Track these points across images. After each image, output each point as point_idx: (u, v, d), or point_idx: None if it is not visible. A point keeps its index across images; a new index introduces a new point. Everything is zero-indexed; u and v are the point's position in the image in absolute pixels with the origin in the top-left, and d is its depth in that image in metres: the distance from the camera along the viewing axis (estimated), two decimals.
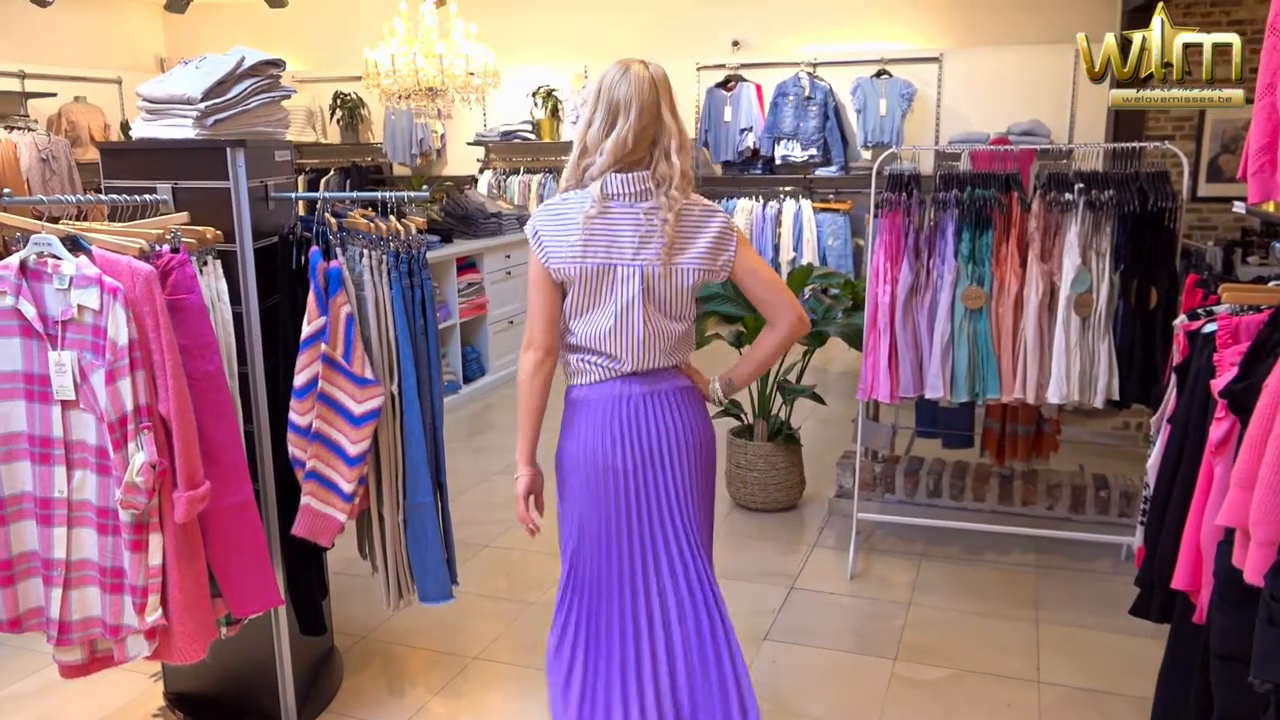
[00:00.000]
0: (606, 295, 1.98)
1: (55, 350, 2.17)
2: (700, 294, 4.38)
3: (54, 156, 6.91)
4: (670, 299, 2.00)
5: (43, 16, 8.24)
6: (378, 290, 2.56)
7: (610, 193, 1.97)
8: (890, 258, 3.45)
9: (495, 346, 6.41)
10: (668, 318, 2.01)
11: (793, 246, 7.96)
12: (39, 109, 8.26)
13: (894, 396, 3.46)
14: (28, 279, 2.17)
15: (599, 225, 1.96)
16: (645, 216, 1.96)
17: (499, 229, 6.51)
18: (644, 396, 2.01)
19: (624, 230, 1.96)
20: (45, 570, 2.26)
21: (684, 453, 2.04)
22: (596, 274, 1.96)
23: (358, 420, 2.52)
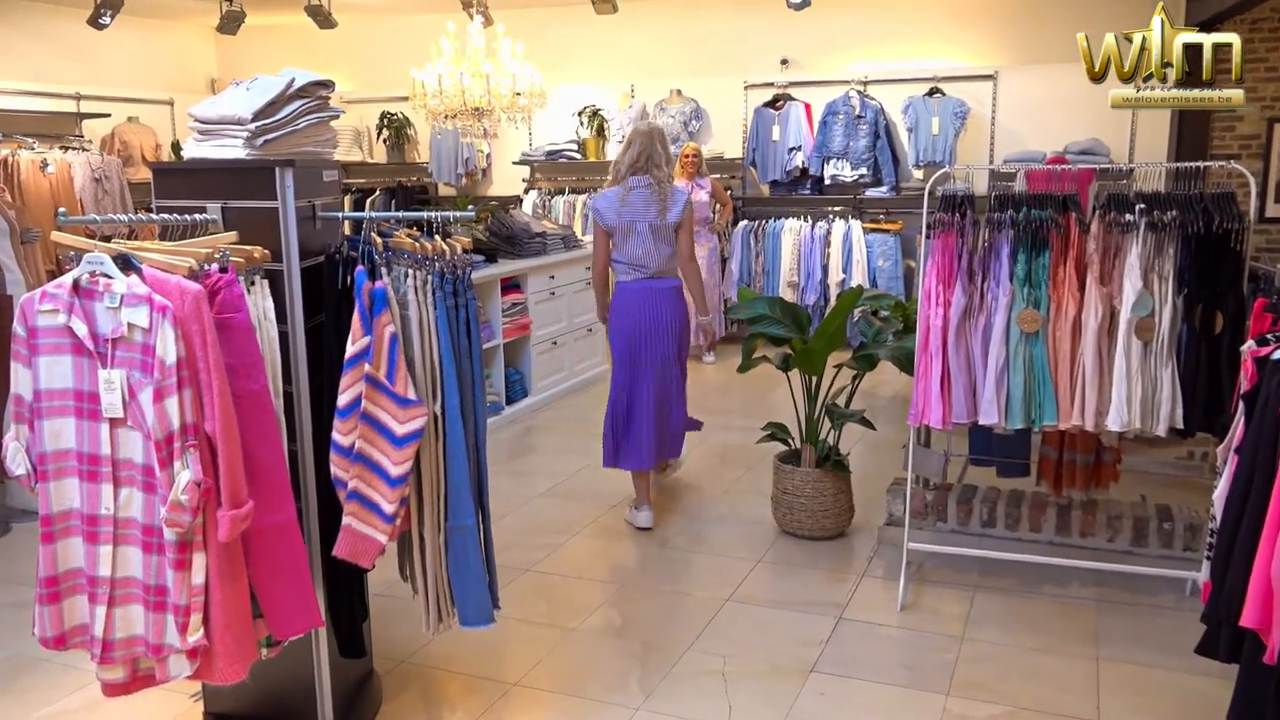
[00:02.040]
0: (633, 236, 4.21)
1: (105, 368, 2.22)
2: (747, 315, 4.37)
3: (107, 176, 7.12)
4: (664, 236, 4.22)
5: (98, 38, 8.51)
6: (422, 310, 2.59)
7: (630, 185, 4.24)
8: (943, 280, 3.42)
9: (539, 368, 6.45)
10: (665, 245, 4.23)
11: (842, 268, 7.92)
12: (93, 129, 8.52)
13: (946, 422, 3.42)
14: (80, 297, 2.23)
15: (628, 201, 4.22)
16: (649, 196, 4.21)
17: (543, 249, 6.57)
18: (655, 288, 4.25)
19: (638, 203, 4.21)
20: (90, 587, 2.30)
21: (675, 318, 4.27)
22: (626, 226, 4.22)
23: (400, 441, 2.54)
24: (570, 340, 6.82)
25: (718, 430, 5.80)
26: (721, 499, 4.78)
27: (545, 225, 6.85)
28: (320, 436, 2.67)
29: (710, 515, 4.57)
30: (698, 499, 4.78)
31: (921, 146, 7.87)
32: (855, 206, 8.21)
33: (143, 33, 9.36)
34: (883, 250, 7.92)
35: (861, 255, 7.90)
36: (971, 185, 7.35)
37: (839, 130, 8.01)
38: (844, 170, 8.05)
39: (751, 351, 4.45)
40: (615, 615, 3.61)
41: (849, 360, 4.26)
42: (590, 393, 6.87)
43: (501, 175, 9.50)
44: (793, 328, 4.30)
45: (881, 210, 8.17)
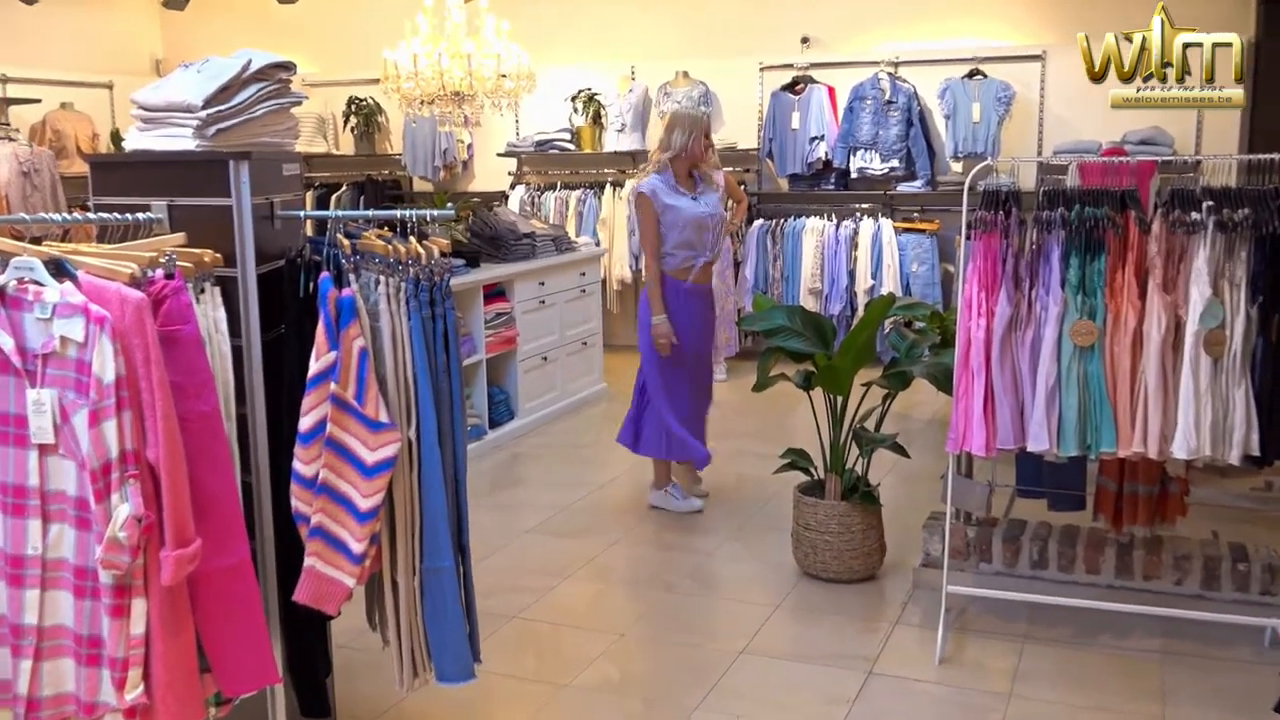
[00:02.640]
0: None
1: (34, 388, 2.22)
2: (763, 326, 4.38)
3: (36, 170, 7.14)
4: None
5: (27, 16, 8.46)
6: (395, 321, 2.59)
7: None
8: (985, 286, 3.43)
9: (527, 387, 6.45)
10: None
11: (870, 273, 7.94)
12: (21, 117, 8.53)
13: (990, 449, 3.42)
14: (6, 307, 2.23)
15: None
16: None
17: (532, 252, 6.58)
18: None
19: None
20: (14, 639, 2.29)
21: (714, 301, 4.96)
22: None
23: (370, 470, 2.54)
24: (562, 355, 6.83)
25: (729, 458, 5.81)
26: (734, 536, 4.78)
27: (534, 225, 6.87)
28: (279, 466, 2.67)
29: (722, 555, 4.56)
30: (707, 537, 4.77)
31: (960, 136, 7.89)
32: (886, 204, 8.23)
33: (78, 8, 9.38)
34: (917, 253, 7.94)
35: (893, 259, 7.92)
36: (1017, 179, 7.37)
37: (867, 117, 8.04)
38: (873, 162, 8.08)
39: (768, 368, 4.45)
40: (613, 670, 3.60)
41: (879, 378, 4.26)
42: (585, 415, 6.87)
43: (484, 168, 9.54)
44: (815, 341, 4.31)
45: (915, 208, 8.20)
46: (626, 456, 6.25)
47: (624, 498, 5.43)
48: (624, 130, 8.74)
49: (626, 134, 8.74)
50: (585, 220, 8.72)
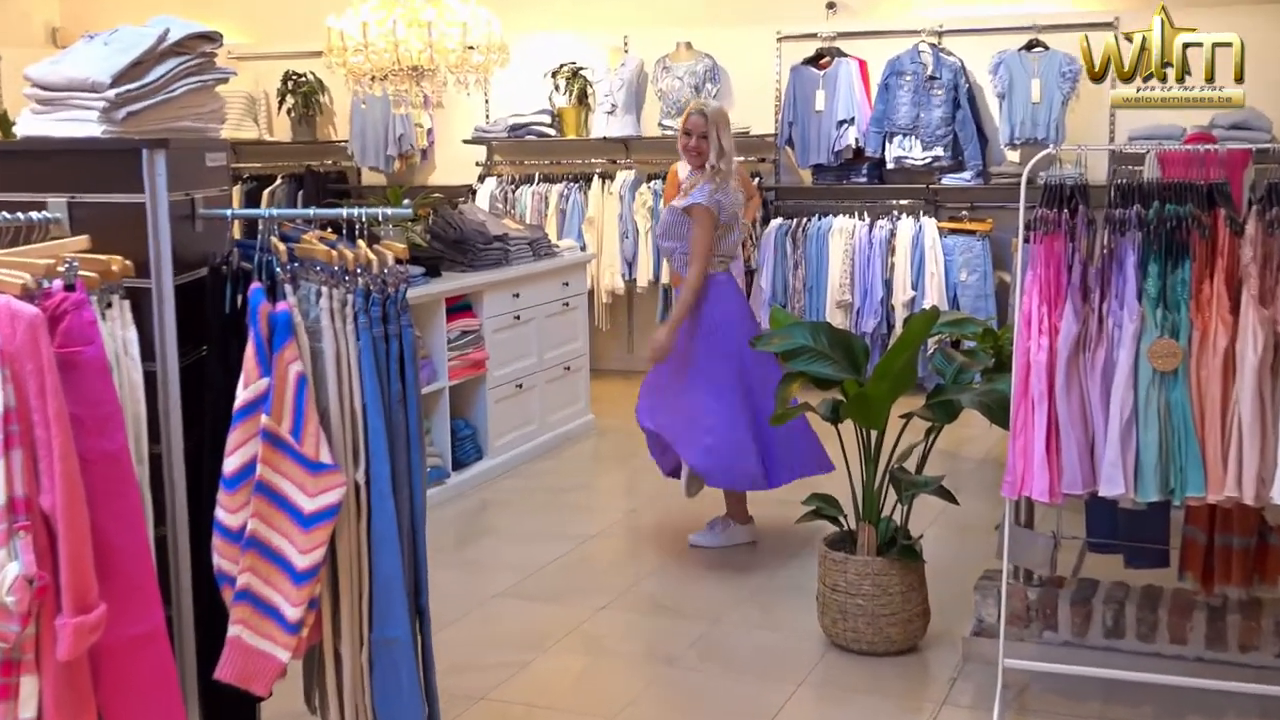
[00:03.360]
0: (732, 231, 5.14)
1: None
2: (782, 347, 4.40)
3: None
4: None
5: None
6: (340, 342, 2.60)
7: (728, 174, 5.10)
8: (1047, 299, 3.44)
9: (498, 420, 6.45)
10: None
11: (910, 283, 7.97)
12: None
13: (1055, 493, 3.42)
14: None
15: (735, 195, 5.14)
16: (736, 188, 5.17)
17: (505, 258, 6.60)
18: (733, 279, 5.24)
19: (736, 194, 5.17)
20: None
21: None
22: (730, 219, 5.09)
23: (309, 520, 2.54)
24: (541, 382, 6.84)
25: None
26: (748, 599, 4.77)
27: (507, 226, 6.89)
28: (199, 515, 2.67)
29: (733, 622, 4.56)
30: (716, 601, 4.77)
31: (1017, 119, 7.93)
32: (928, 199, 8.27)
33: None
34: (966, 258, 7.96)
35: (937, 265, 7.94)
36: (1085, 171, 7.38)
37: (905, 97, 8.09)
38: (912, 150, 8.12)
39: (787, 396, 4.46)
40: None
41: (921, 409, 4.27)
42: (570, 454, 6.87)
43: (448, 158, 9.57)
44: (844, 364, 4.32)
45: (964, 205, 8.23)
46: (618, 503, 6.22)
47: (616, 553, 5.42)
48: (615, 112, 8.78)
49: (618, 117, 8.78)
50: (569, 220, 8.76)
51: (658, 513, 5.79)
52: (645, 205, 8.50)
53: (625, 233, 8.67)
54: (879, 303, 8.01)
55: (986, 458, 6.60)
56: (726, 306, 5.10)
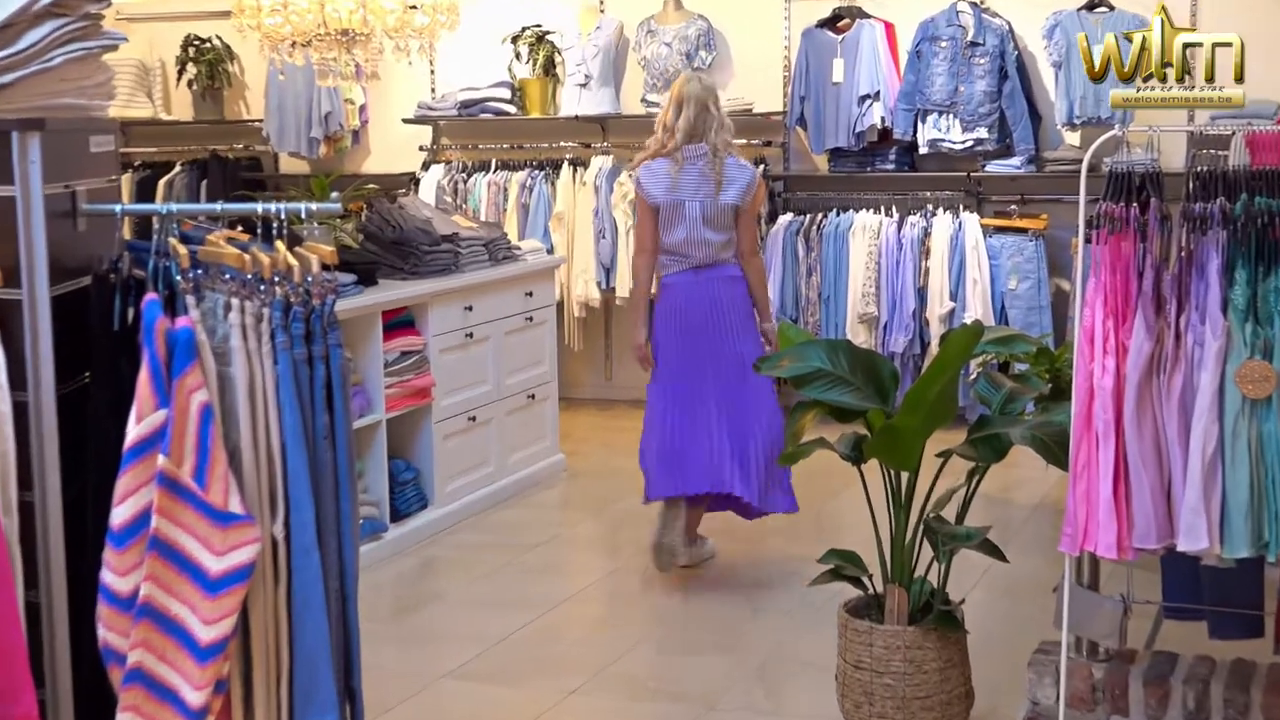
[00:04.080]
0: (679, 220, 5.57)
1: None
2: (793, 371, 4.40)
3: None
4: (718, 221, 5.60)
5: None
6: (254, 365, 2.59)
7: (685, 155, 5.56)
8: (1114, 311, 3.45)
9: (447, 460, 6.43)
10: (717, 232, 5.62)
11: (949, 292, 7.99)
12: None
13: (1124, 548, 3.43)
14: None
15: (681, 176, 5.54)
16: (701, 170, 5.56)
17: (455, 263, 6.59)
18: (710, 276, 5.65)
19: (690, 179, 5.56)
20: None
21: (743, 310, 5.71)
22: (674, 206, 5.56)
23: (216, 584, 2.53)
24: (499, 414, 6.83)
25: (745, 561, 5.82)
26: (754, 680, 4.77)
27: (458, 223, 6.89)
28: (80, 578, 2.65)
29: (734, 706, 4.55)
30: (714, 680, 4.77)
31: (1077, 93, 7.94)
32: (970, 191, 8.29)
33: None
34: (1015, 263, 7.98)
35: (981, 271, 7.96)
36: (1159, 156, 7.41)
37: (942, 67, 8.12)
38: (950, 132, 8.15)
39: (799, 431, 4.46)
40: None
41: (962, 445, 4.28)
42: (534, 501, 6.85)
43: (385, 141, 9.57)
44: (868, 392, 4.32)
45: (1013, 197, 8.24)
46: (595, 562, 6.22)
47: (592, 623, 5.41)
48: (588, 85, 8.79)
49: (592, 90, 8.80)
50: (533, 216, 8.77)
51: (643, 573, 5.78)
52: (626, 198, 8.48)
53: (601, 231, 8.66)
54: (910, 317, 8.03)
55: (1041, 504, 6.60)
56: (660, 324, 5.76)
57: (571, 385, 8.71)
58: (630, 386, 9.03)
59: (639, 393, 8.84)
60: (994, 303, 7.96)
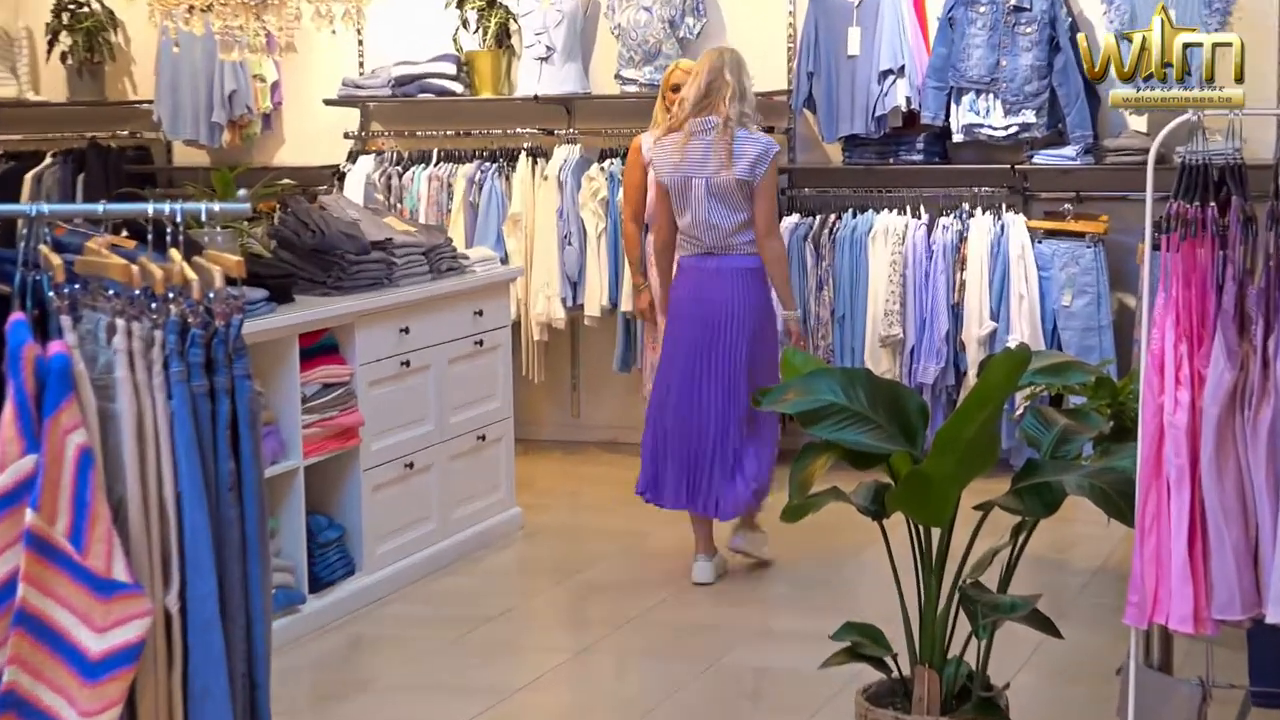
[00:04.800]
0: (688, 198, 6.32)
1: None
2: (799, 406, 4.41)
3: None
4: (727, 199, 6.29)
5: None
6: (143, 400, 2.59)
7: (691, 130, 6.30)
8: (1188, 333, 3.46)
9: (378, 515, 6.40)
10: (729, 212, 6.30)
11: (990, 309, 7.99)
12: None
13: (1202, 620, 3.43)
14: None
15: (687, 150, 6.32)
16: (710, 144, 6.28)
17: (388, 275, 6.57)
18: (716, 269, 6.38)
19: (697, 153, 6.29)
20: None
21: (747, 309, 6.38)
22: (681, 183, 6.32)
23: (97, 667, 2.52)
24: (443, 459, 6.81)
25: (743, 638, 5.81)
26: None
27: (392, 227, 6.88)
28: None
29: None
30: None
31: None
32: (1015, 187, 8.31)
33: None
34: (1070, 274, 7.99)
35: (1028, 284, 7.96)
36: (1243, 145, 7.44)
37: (979, 36, 8.13)
38: (990, 116, 8.15)
39: (809, 479, 4.46)
40: None
41: (1006, 496, 4.29)
42: (487, 565, 6.84)
43: (303, 127, 9.57)
44: (891, 431, 4.33)
45: (1066, 194, 8.26)
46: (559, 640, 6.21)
47: (553, 716, 5.40)
48: (550, 59, 8.79)
49: (555, 65, 8.80)
50: (484, 218, 8.76)
51: (618, 652, 5.78)
52: (596, 196, 8.51)
53: (567, 237, 8.65)
54: (942, 340, 8.04)
55: (1102, 568, 6.62)
56: (671, 309, 6.61)
57: (531, 424, 8.71)
58: (602, 426, 9.05)
59: (612, 433, 8.96)
60: (1044, 323, 7.97)
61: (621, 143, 8.39)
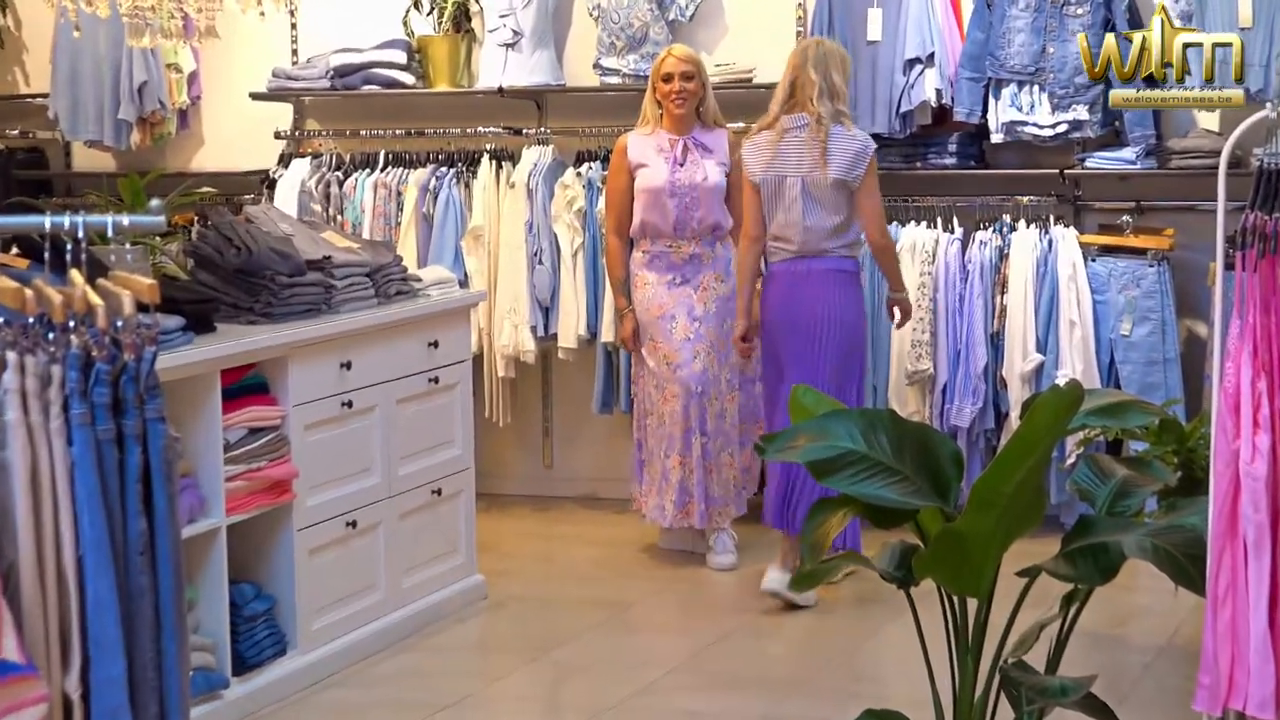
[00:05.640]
0: (779, 198, 7.19)
1: None
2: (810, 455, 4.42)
3: None
4: (822, 199, 7.12)
5: None
6: (39, 448, 2.60)
7: (785, 126, 7.16)
8: (1268, 367, 3.48)
9: (315, 583, 6.40)
10: (823, 213, 7.13)
11: (1035, 339, 8.00)
12: None
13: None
14: None
15: (780, 149, 7.18)
16: (803, 142, 7.12)
17: (326, 300, 6.58)
18: (807, 272, 7.20)
19: (791, 152, 7.15)
20: None
21: (837, 317, 7.15)
22: (774, 183, 7.19)
23: None
24: (391, 518, 6.80)
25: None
26: None
27: (330, 242, 6.88)
28: None
29: None
30: None
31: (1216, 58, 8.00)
32: (1065, 196, 8.34)
33: None
34: (1129, 297, 8.00)
35: (1081, 311, 7.97)
36: None
37: (1023, 19, 8.15)
38: (1035, 111, 8.17)
39: (822, 540, 4.47)
40: None
41: (1055, 560, 4.30)
42: (443, 642, 6.84)
43: (226, 125, 9.60)
44: (920, 483, 4.33)
45: (1124, 204, 8.28)
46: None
47: None
48: (518, 46, 8.81)
49: (523, 53, 8.83)
50: (440, 232, 8.77)
51: None
52: (572, 206, 8.52)
53: (538, 254, 8.65)
54: (980, 376, 8.07)
55: (1169, 644, 6.62)
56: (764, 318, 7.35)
57: (496, 476, 8.72)
58: (580, 478, 9.07)
59: (591, 486, 8.97)
60: (1099, 355, 7.98)
61: (602, 144, 8.44)
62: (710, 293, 7.87)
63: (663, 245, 7.85)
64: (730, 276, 7.72)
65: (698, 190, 7.76)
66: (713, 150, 7.85)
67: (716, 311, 7.84)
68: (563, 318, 8.63)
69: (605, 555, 7.35)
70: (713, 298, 7.86)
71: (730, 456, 7.81)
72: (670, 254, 7.85)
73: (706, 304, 7.84)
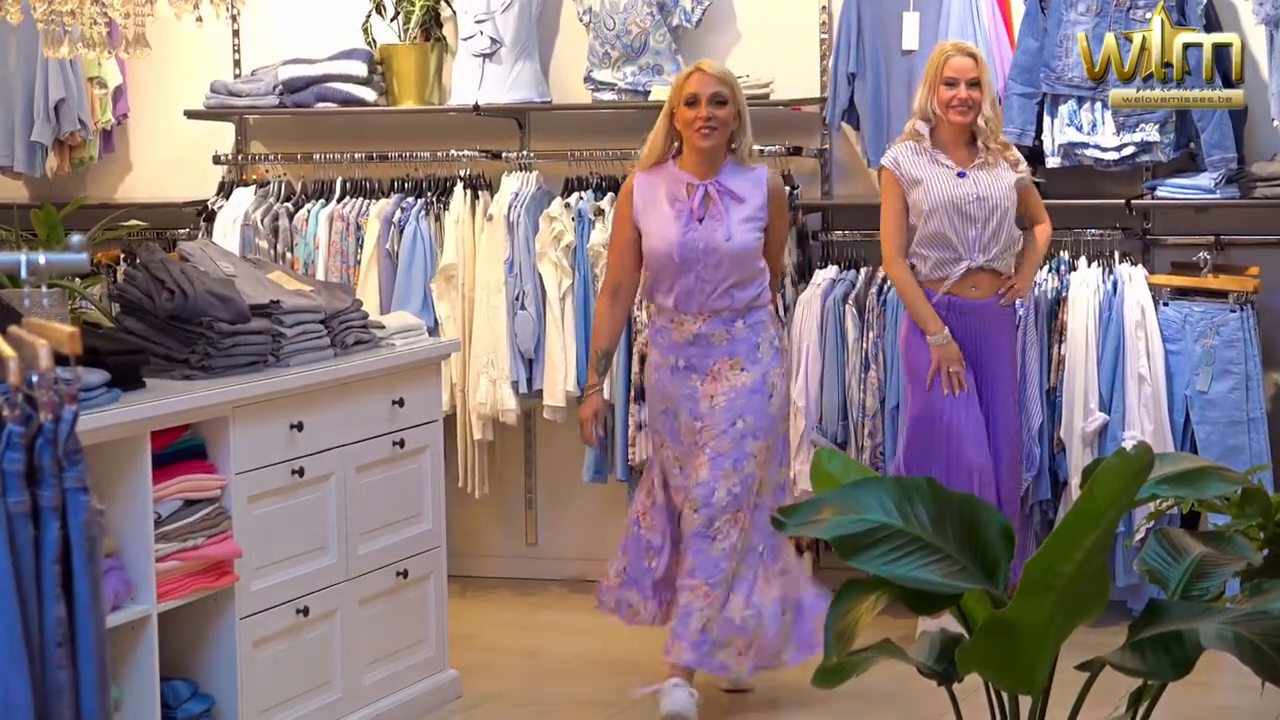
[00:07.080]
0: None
1: None
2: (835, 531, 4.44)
3: None
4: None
5: None
6: None
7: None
8: None
9: (260, 680, 6.40)
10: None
11: (1099, 395, 8.02)
12: None
13: None
14: None
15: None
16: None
17: (273, 351, 6.60)
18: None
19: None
20: None
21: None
22: None
23: None
24: (350, 604, 6.82)
25: None
26: None
27: (279, 284, 6.90)
28: None
29: None
30: None
31: None
32: (1132, 230, 8.35)
33: None
34: (1207, 347, 8.02)
35: (1152, 363, 8.00)
36: None
37: (1081, 25, 8.16)
38: (1097, 132, 8.17)
39: (851, 628, 4.48)
40: None
41: (1120, 651, 4.31)
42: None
43: (158, 148, 9.65)
44: (964, 562, 4.35)
45: (1203, 239, 8.30)
46: None
47: None
48: (496, 56, 8.84)
49: (503, 64, 8.89)
50: (407, 272, 8.79)
51: None
52: (560, 242, 8.51)
53: (520, 298, 8.66)
54: (1033, 437, 8.08)
55: None
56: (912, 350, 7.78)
57: (471, 555, 8.74)
58: (568, 558, 9.08)
59: (580, 567, 9.00)
60: (1173, 415, 8.01)
61: (593, 169, 8.47)
62: (723, 383, 7.06)
63: (664, 320, 7.16)
64: (758, 362, 7.01)
65: (717, 254, 7.04)
66: (744, 199, 7.17)
67: (725, 407, 7.02)
68: (548, 372, 8.65)
69: (597, 648, 7.35)
70: (723, 390, 7.05)
71: None
72: (670, 331, 7.14)
73: (714, 398, 7.05)
